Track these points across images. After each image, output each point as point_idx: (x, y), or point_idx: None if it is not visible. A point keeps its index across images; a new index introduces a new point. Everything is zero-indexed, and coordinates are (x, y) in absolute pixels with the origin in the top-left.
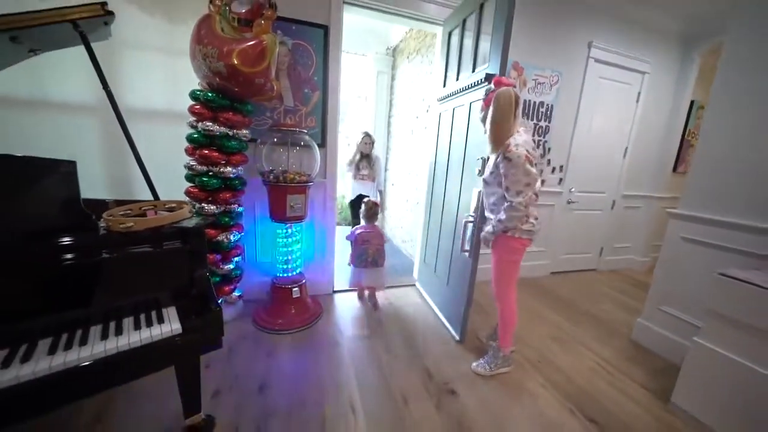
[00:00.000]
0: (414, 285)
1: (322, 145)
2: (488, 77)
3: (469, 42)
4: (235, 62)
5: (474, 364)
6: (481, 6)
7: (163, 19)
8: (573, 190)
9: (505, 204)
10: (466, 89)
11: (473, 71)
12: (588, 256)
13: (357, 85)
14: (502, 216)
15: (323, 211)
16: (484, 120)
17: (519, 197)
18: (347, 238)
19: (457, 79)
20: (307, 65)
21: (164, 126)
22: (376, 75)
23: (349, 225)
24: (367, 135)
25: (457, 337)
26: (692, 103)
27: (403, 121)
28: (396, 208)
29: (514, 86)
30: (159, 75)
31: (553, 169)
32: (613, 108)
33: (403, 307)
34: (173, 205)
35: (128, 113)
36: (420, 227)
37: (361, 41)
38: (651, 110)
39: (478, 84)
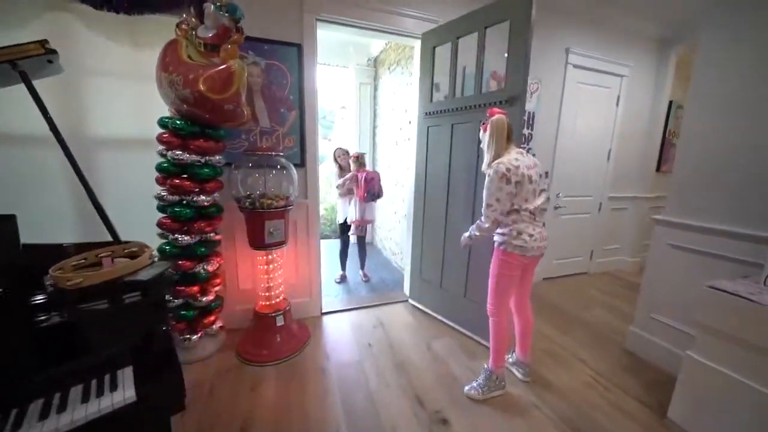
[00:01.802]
0: (406, 301)
1: (301, 164)
2: (511, 100)
3: (465, 60)
4: (202, 89)
5: (466, 387)
6: (485, 28)
7: (129, 46)
8: (560, 195)
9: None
10: (472, 108)
11: (481, 92)
12: (578, 260)
13: (341, 97)
14: (472, 228)
15: (306, 232)
16: (486, 145)
17: (487, 211)
18: (344, 183)
19: (455, 96)
20: (282, 85)
21: (136, 154)
22: (358, 86)
23: (336, 238)
24: (338, 148)
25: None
26: (671, 103)
27: (388, 131)
28: (385, 219)
29: (506, 114)
30: (128, 102)
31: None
32: (595, 112)
33: (395, 327)
34: (134, 249)
35: (97, 143)
36: (409, 240)
37: (341, 53)
38: (631, 112)
39: (497, 104)
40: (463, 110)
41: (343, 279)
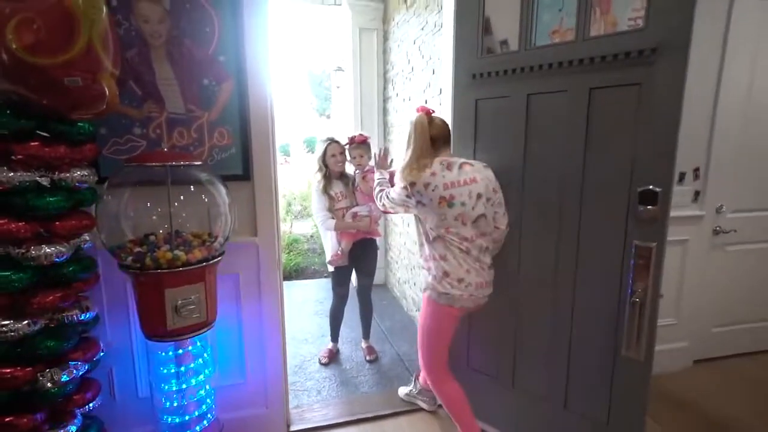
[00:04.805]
0: (441, 407)
1: (245, 176)
2: (662, 49)
3: None
4: (13, 45)
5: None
6: None
7: None
8: (723, 209)
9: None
10: (570, 65)
11: (586, 36)
12: (766, 326)
13: (337, 54)
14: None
15: (258, 292)
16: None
17: (393, 192)
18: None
19: (530, 45)
20: (204, 36)
21: None
22: (358, 34)
23: (327, 277)
24: (332, 143)
25: None
26: None
27: (405, 108)
28: (401, 253)
29: (430, 113)
30: None
31: (681, 176)
32: None
33: None
34: None
35: None
36: None
37: None
38: None
39: (625, 57)
40: (551, 69)
41: (331, 357)
